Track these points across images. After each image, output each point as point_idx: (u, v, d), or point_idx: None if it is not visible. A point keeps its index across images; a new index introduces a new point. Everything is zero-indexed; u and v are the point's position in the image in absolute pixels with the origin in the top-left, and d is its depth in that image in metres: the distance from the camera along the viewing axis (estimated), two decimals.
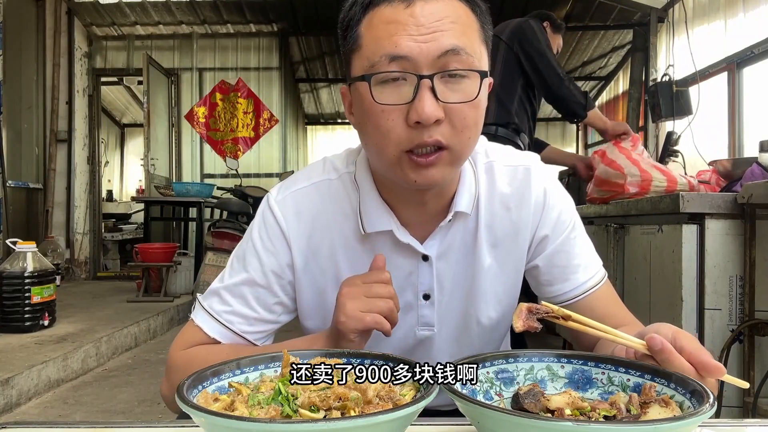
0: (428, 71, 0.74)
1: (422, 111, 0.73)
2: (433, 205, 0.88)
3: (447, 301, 0.93)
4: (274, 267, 0.90)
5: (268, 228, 0.91)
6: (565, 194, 0.95)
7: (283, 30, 7.20)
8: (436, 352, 0.95)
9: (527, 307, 0.68)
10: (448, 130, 0.76)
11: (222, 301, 0.90)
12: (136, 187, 10.58)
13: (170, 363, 0.91)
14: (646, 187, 2.35)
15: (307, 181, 0.93)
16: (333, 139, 10.42)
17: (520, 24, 2.63)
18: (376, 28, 0.76)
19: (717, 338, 1.89)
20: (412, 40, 0.73)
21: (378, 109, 0.76)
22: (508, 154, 0.95)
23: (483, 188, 0.91)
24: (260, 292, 0.90)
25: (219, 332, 0.89)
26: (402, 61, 0.74)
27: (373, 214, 0.88)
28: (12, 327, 3.61)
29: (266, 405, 0.55)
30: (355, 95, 0.80)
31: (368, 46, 0.76)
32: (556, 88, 2.55)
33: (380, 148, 0.78)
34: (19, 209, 5.80)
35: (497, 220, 0.91)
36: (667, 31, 5.29)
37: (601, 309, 0.91)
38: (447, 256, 0.91)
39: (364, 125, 0.80)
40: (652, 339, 0.63)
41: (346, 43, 0.81)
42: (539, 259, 0.93)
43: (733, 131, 4.37)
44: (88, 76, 6.96)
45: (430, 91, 0.74)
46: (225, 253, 5.24)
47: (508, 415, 0.49)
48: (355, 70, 0.79)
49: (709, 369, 0.62)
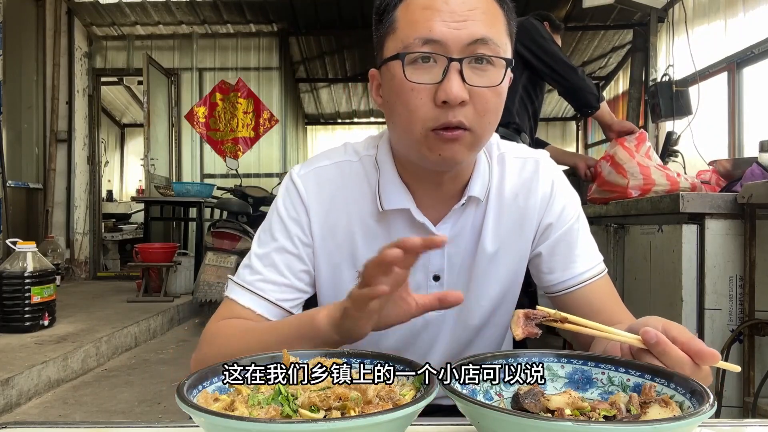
0: (458, 56, 0.79)
1: (450, 91, 0.78)
2: (449, 188, 0.92)
3: (454, 283, 0.96)
4: (300, 234, 0.94)
5: (292, 198, 0.95)
6: (572, 190, 1.00)
7: (283, 30, 7.20)
8: (439, 333, 0.99)
9: (524, 313, 0.68)
10: (471, 112, 0.80)
11: (253, 271, 0.92)
12: (136, 187, 10.58)
13: (202, 337, 0.92)
14: (648, 191, 2.35)
15: (329, 161, 0.97)
16: (333, 139, 10.41)
17: (522, 23, 2.62)
18: (412, 13, 0.81)
19: (717, 338, 1.89)
20: (446, 25, 0.78)
21: (408, 87, 0.80)
22: (519, 148, 1.00)
23: (495, 177, 0.95)
24: (289, 259, 0.93)
25: (253, 302, 0.91)
26: (434, 44, 0.79)
27: (392, 192, 0.92)
28: (12, 327, 3.62)
29: (266, 405, 0.55)
30: (386, 76, 0.85)
31: (403, 29, 0.81)
32: (572, 80, 2.57)
33: (407, 126, 0.82)
34: (19, 209, 5.80)
35: (505, 209, 0.95)
36: (667, 31, 5.29)
37: (598, 302, 0.94)
38: (457, 240, 0.94)
39: (393, 104, 0.84)
40: (646, 333, 0.64)
41: (382, 27, 0.86)
42: (542, 247, 0.97)
43: (733, 131, 4.37)
44: (88, 76, 6.96)
45: (458, 74, 0.78)
46: (225, 253, 5.23)
47: (508, 415, 0.49)
48: (389, 51, 0.83)
49: (704, 356, 0.63)
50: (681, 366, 0.62)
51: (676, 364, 0.62)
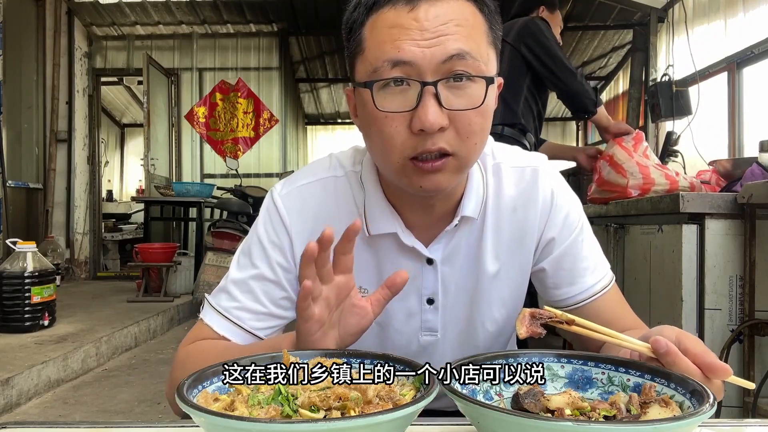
0: (432, 77, 0.72)
1: (425, 119, 0.71)
2: (440, 209, 0.86)
3: (451, 306, 0.91)
4: (281, 260, 0.89)
5: (273, 222, 0.89)
6: (573, 195, 0.94)
7: (283, 30, 7.20)
8: (439, 358, 0.92)
9: (530, 312, 0.67)
10: (453, 136, 0.74)
11: (230, 297, 0.88)
12: (136, 187, 10.58)
13: (175, 361, 0.89)
14: (648, 190, 2.35)
15: (313, 177, 0.91)
16: (333, 139, 10.42)
17: (526, 24, 2.62)
18: (379, 32, 0.74)
19: (717, 338, 1.89)
20: (416, 45, 0.71)
21: (381, 116, 0.74)
22: (516, 155, 0.93)
23: (491, 191, 0.89)
24: (268, 287, 0.88)
25: (229, 330, 0.87)
26: (405, 66, 0.72)
27: (377, 215, 0.87)
28: (12, 327, 3.61)
29: (266, 405, 0.55)
30: (359, 99, 0.79)
31: (371, 51, 0.75)
32: (571, 84, 2.56)
33: (384, 154, 0.77)
34: (19, 209, 5.80)
35: (504, 224, 0.89)
36: (667, 31, 5.29)
37: (608, 313, 0.89)
38: (452, 260, 0.89)
39: (368, 130, 0.79)
40: (656, 342, 0.62)
41: (350, 46, 0.80)
42: (546, 262, 0.91)
43: (733, 131, 4.36)
44: (88, 76, 6.96)
45: (434, 98, 0.72)
46: (225, 253, 5.24)
47: (508, 415, 0.49)
48: (359, 74, 0.78)
49: (715, 370, 0.61)
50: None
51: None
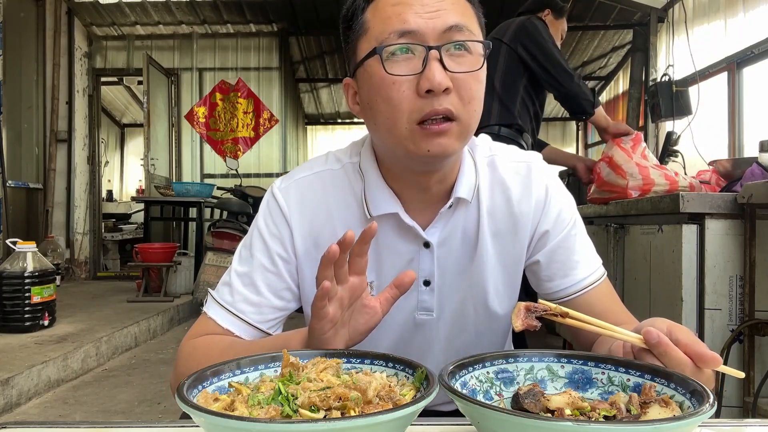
0: (435, 44, 0.79)
1: (433, 78, 0.77)
2: (436, 190, 0.90)
3: (447, 287, 0.95)
4: (281, 252, 0.92)
5: (273, 214, 0.93)
6: (567, 192, 0.97)
7: (283, 30, 7.20)
8: (434, 336, 0.97)
9: (525, 305, 0.69)
10: (456, 100, 0.80)
11: (232, 290, 0.91)
12: (136, 187, 10.58)
13: (179, 355, 0.91)
14: (648, 191, 2.35)
15: (310, 171, 0.96)
16: (333, 139, 10.42)
17: (523, 24, 2.61)
18: (382, 10, 0.81)
19: (717, 338, 1.89)
20: (419, 16, 0.79)
21: (389, 81, 0.79)
22: (511, 152, 0.98)
23: (485, 178, 0.94)
24: (269, 278, 0.92)
25: (232, 323, 0.90)
26: (410, 35, 0.79)
27: (378, 197, 0.90)
28: (12, 327, 3.62)
29: (266, 405, 0.55)
30: (363, 77, 0.83)
31: (376, 28, 0.81)
32: (568, 86, 2.55)
33: (392, 122, 0.81)
34: (19, 209, 5.80)
35: (498, 214, 0.93)
36: (667, 31, 5.29)
37: (600, 306, 0.92)
38: (448, 243, 0.93)
39: (374, 103, 0.82)
40: (648, 332, 0.64)
41: (352, 32, 0.85)
42: (540, 255, 0.95)
43: (733, 131, 4.37)
44: (88, 76, 6.96)
45: (438, 62, 0.78)
46: (225, 253, 5.24)
47: (508, 415, 0.49)
48: (363, 52, 0.83)
49: (705, 360, 0.63)
50: (681, 368, 0.62)
51: (676, 365, 0.63)
